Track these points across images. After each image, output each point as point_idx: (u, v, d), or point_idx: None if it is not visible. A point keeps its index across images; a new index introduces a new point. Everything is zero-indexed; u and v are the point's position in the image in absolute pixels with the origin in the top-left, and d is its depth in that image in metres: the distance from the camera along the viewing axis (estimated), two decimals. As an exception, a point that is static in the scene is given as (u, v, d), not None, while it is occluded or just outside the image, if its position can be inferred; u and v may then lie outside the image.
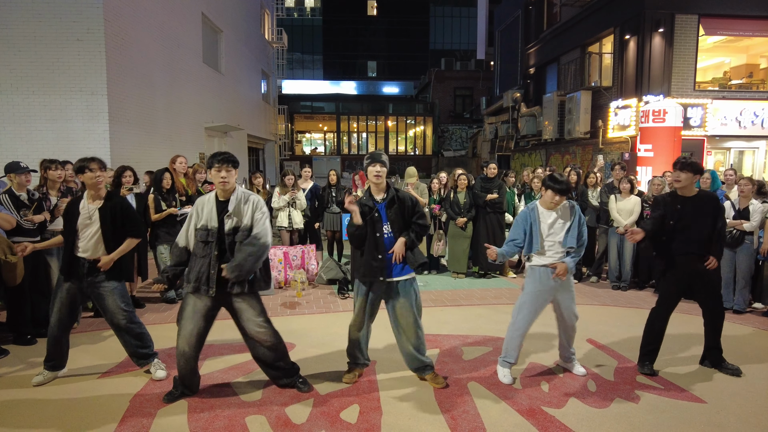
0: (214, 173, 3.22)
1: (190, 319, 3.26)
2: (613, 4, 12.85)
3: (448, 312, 5.55)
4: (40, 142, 8.26)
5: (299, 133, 32.85)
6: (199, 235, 3.23)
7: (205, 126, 13.56)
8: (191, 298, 3.28)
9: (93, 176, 3.49)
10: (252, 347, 3.43)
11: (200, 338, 3.32)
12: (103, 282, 3.55)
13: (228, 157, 3.23)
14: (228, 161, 3.22)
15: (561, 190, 3.59)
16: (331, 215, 7.39)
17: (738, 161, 12.20)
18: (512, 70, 20.85)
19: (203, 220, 3.25)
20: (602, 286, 6.80)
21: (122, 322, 3.59)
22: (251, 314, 3.32)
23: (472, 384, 3.68)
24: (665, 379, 3.81)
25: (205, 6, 13.59)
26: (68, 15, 8.29)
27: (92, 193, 3.57)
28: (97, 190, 3.56)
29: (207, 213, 3.25)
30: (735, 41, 12.54)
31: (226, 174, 3.21)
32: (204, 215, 3.26)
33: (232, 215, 3.24)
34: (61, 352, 3.66)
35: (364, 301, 3.57)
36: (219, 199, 3.29)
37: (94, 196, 3.58)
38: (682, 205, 3.83)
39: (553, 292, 3.72)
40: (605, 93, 13.13)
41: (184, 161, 6.18)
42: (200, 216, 3.27)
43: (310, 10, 47.49)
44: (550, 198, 3.63)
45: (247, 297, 3.31)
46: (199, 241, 3.24)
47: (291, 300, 5.97)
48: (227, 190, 3.26)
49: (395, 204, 3.52)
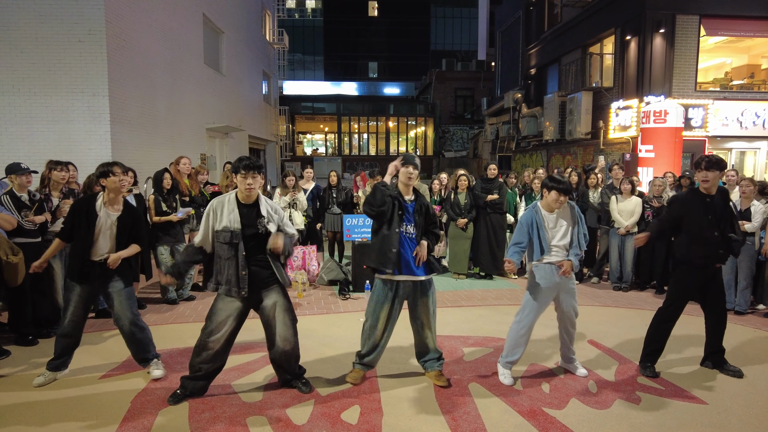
0: (240, 179, 3.24)
1: (223, 322, 3.29)
2: (614, 5, 12.84)
3: (449, 313, 5.54)
4: (41, 143, 8.27)
5: (300, 134, 32.87)
6: (222, 237, 3.24)
7: (207, 127, 13.57)
8: (223, 300, 3.30)
9: (116, 180, 3.53)
10: (272, 343, 3.44)
11: (231, 338, 3.38)
12: (113, 282, 3.59)
13: (254, 163, 3.25)
14: (254, 168, 3.24)
15: (564, 190, 3.59)
16: (332, 216, 7.39)
17: (739, 162, 12.18)
18: (513, 70, 20.84)
19: (224, 222, 3.25)
20: (603, 287, 6.79)
21: (126, 324, 3.61)
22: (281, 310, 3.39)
23: (473, 385, 3.68)
24: (666, 380, 3.80)
25: (207, 7, 13.61)
26: (70, 16, 8.30)
27: (111, 197, 3.58)
28: (117, 194, 3.60)
29: (228, 215, 3.25)
30: (736, 42, 12.53)
31: (252, 181, 3.24)
32: (224, 217, 3.25)
33: (270, 220, 3.32)
34: (70, 351, 3.66)
35: (390, 307, 3.63)
36: (240, 202, 3.30)
37: (112, 201, 3.59)
38: (711, 200, 3.77)
39: (557, 289, 3.72)
40: (606, 94, 13.12)
41: (188, 162, 6.19)
42: (219, 218, 3.27)
43: (311, 11, 47.56)
44: (555, 198, 3.61)
45: (276, 292, 3.39)
46: (222, 243, 3.25)
47: (292, 301, 5.95)
48: (252, 196, 3.30)
49: (422, 208, 3.66)
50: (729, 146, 12.03)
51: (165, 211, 5.69)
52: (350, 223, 6.56)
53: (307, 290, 6.42)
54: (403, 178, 3.60)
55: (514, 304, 5.90)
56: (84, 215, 3.51)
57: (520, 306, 3.82)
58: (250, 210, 3.29)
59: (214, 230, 3.27)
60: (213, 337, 3.29)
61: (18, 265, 4.02)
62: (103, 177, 3.53)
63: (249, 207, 3.30)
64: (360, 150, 32.55)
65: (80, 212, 3.53)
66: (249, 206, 3.30)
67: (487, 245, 7.03)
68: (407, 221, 3.59)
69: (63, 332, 3.58)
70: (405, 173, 3.58)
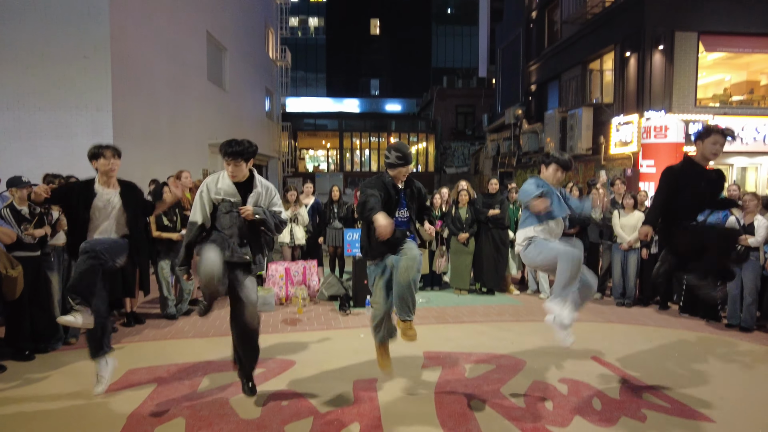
0: (225, 165, 3.30)
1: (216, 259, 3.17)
2: (613, 22, 12.98)
3: (451, 329, 5.48)
4: (45, 158, 8.30)
5: (302, 150, 33.03)
6: (224, 207, 3.30)
7: (209, 142, 13.64)
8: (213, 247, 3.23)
9: (106, 163, 3.54)
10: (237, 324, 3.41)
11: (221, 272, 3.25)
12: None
13: (236, 150, 3.22)
14: (234, 155, 3.22)
15: (564, 165, 3.57)
16: (334, 231, 7.36)
17: (741, 178, 12.16)
18: (514, 87, 21.00)
19: (222, 194, 3.30)
20: (606, 303, 6.73)
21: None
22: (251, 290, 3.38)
23: (475, 402, 3.62)
24: (672, 397, 3.73)
25: (210, 24, 13.79)
26: (76, 33, 8.41)
27: (105, 179, 3.61)
28: (109, 177, 3.61)
29: (225, 188, 3.31)
30: (735, 58, 12.61)
31: (234, 169, 3.27)
32: (222, 190, 3.31)
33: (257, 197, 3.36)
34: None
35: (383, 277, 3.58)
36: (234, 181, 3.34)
37: (107, 183, 3.62)
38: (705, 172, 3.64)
39: None
40: (607, 109, 13.18)
41: (188, 175, 6.20)
42: (214, 190, 3.32)
43: (313, 29, 48.17)
44: (552, 174, 3.57)
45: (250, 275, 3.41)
46: (223, 213, 3.30)
47: (292, 316, 5.92)
48: (237, 177, 3.33)
49: (411, 188, 3.66)
50: (730, 162, 12.03)
51: (166, 225, 5.68)
52: (351, 238, 6.53)
53: (307, 305, 6.37)
54: (401, 176, 3.57)
55: (516, 320, 5.84)
56: (80, 195, 3.54)
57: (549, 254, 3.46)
58: (243, 189, 3.35)
59: (211, 201, 3.32)
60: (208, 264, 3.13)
61: (17, 279, 4.00)
62: (93, 158, 3.57)
63: (241, 185, 3.36)
64: (362, 166, 32.65)
65: (76, 191, 3.57)
66: (241, 184, 3.36)
67: (489, 261, 6.99)
68: (401, 206, 3.61)
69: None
70: (403, 172, 3.55)
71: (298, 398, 3.63)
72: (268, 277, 6.62)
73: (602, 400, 3.67)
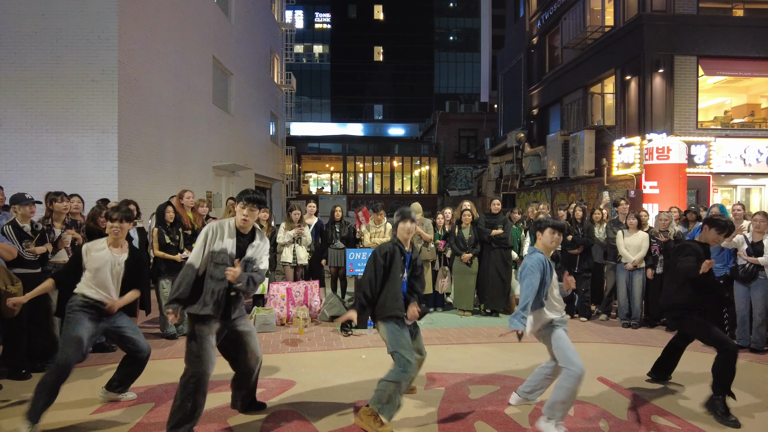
0: (239, 208, 3.36)
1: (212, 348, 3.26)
2: (613, 47, 13.17)
3: (455, 350, 5.39)
4: (50, 179, 8.36)
5: (306, 173, 33.26)
6: (220, 258, 3.29)
7: (213, 165, 13.75)
8: (205, 324, 3.23)
9: (111, 226, 3.65)
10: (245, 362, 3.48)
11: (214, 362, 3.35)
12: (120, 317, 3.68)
13: (256, 198, 3.36)
14: (254, 202, 3.35)
15: (558, 227, 3.52)
16: (336, 251, 7.33)
17: (745, 199, 12.12)
18: (515, 111, 21.22)
19: (224, 245, 3.31)
20: (612, 324, 6.62)
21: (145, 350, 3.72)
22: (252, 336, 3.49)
23: (479, 423, 3.53)
24: (682, 418, 3.62)
25: (216, 50, 14.07)
26: (85, 57, 8.59)
27: (114, 242, 3.68)
28: (116, 239, 3.68)
29: (228, 239, 3.34)
30: (735, 81, 12.74)
31: (249, 214, 3.35)
32: (224, 240, 3.33)
33: (254, 248, 3.42)
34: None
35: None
36: (238, 231, 3.40)
37: (116, 245, 3.69)
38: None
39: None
40: (608, 132, 13.26)
41: (191, 196, 6.22)
42: (217, 239, 3.33)
43: (318, 55, 49.12)
44: (549, 237, 3.51)
45: (249, 322, 3.55)
46: (219, 264, 3.28)
47: (293, 337, 5.84)
48: (246, 227, 3.41)
49: (416, 261, 3.82)
50: (734, 183, 12.02)
51: (168, 244, 5.66)
52: (353, 258, 6.49)
53: (308, 326, 6.29)
54: (401, 233, 3.67)
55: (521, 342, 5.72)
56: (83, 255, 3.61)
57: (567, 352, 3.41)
58: (245, 240, 3.41)
59: (212, 251, 3.29)
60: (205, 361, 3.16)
61: (16, 296, 3.96)
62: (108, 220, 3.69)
63: (244, 237, 3.41)
64: (365, 189, 32.80)
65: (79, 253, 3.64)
66: (244, 236, 3.41)
67: (493, 281, 6.92)
68: (406, 269, 3.69)
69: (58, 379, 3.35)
70: (403, 229, 3.66)
71: (298, 418, 3.55)
72: (270, 297, 6.57)
73: (610, 421, 3.57)
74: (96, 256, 3.57)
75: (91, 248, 3.61)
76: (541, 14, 17.96)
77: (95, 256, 3.57)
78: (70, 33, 8.56)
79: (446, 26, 49.42)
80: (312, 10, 48.10)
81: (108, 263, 3.58)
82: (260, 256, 3.46)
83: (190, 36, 12.11)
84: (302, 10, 46.71)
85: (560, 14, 15.97)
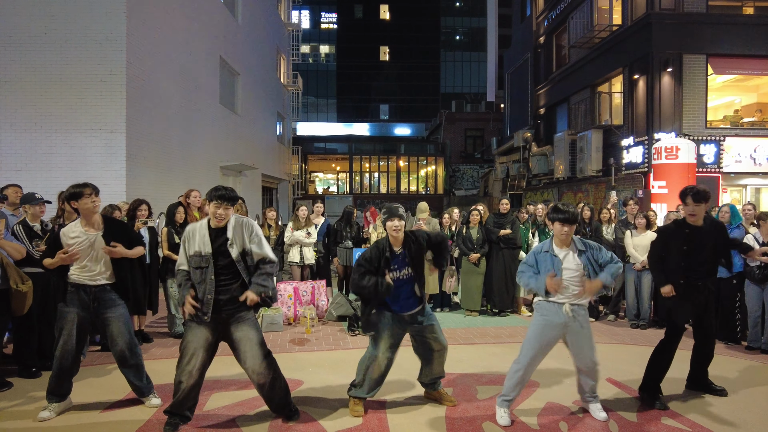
0: (212, 208, 3.25)
1: (194, 355, 3.25)
2: (621, 46, 13.08)
3: (462, 350, 5.37)
4: (58, 179, 8.41)
5: (312, 173, 33.32)
6: (194, 261, 3.24)
7: (220, 165, 13.81)
8: (192, 331, 3.27)
9: (89, 201, 3.47)
10: (251, 379, 3.40)
11: (203, 370, 3.33)
12: (112, 309, 3.55)
13: (225, 194, 3.23)
14: (226, 199, 3.23)
15: (567, 219, 3.50)
16: (345, 250, 7.32)
17: (755, 199, 12.00)
18: (522, 110, 21.13)
19: (196, 246, 3.26)
20: (620, 325, 6.58)
21: (124, 347, 3.56)
22: (251, 344, 3.30)
23: (486, 424, 3.51)
24: (692, 420, 3.59)
25: (224, 50, 14.12)
26: (93, 58, 8.66)
27: (87, 219, 3.54)
28: (92, 215, 3.54)
29: (199, 239, 3.26)
30: (744, 80, 12.61)
31: (223, 212, 3.24)
32: (196, 242, 3.27)
33: (233, 243, 3.27)
34: (69, 384, 3.59)
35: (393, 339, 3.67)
36: (211, 227, 3.31)
37: (90, 223, 3.55)
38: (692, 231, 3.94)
39: (562, 330, 3.51)
40: (616, 131, 13.18)
41: (198, 195, 6.24)
42: (191, 243, 3.28)
43: (324, 56, 49.21)
44: (559, 231, 3.53)
45: (248, 325, 3.31)
46: (194, 268, 3.25)
47: (300, 336, 5.85)
48: (221, 224, 3.30)
49: (413, 248, 3.64)
50: (743, 183, 11.90)
51: (177, 244, 5.68)
52: (360, 258, 6.49)
53: (315, 326, 6.30)
54: (390, 231, 3.61)
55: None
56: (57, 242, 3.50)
57: (524, 341, 3.63)
58: (221, 234, 3.29)
59: (188, 255, 3.28)
60: (184, 370, 3.24)
61: (27, 294, 4.00)
62: (73, 199, 3.49)
63: (219, 231, 3.30)
64: (371, 189, 32.81)
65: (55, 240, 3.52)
66: (219, 230, 3.30)
67: (500, 281, 6.89)
68: (398, 269, 3.60)
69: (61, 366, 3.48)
70: (390, 226, 3.59)
71: (305, 417, 3.55)
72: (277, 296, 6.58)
73: (619, 422, 3.54)
74: (72, 237, 3.47)
75: (67, 233, 3.50)
76: (548, 13, 17.88)
77: (71, 237, 3.48)
78: (79, 34, 8.63)
79: (452, 26, 49.33)
80: (318, 10, 48.19)
81: (85, 243, 3.48)
82: (248, 244, 3.29)
83: (198, 36, 12.16)
84: (308, 11, 46.80)
85: (567, 13, 15.88)
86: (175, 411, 3.32)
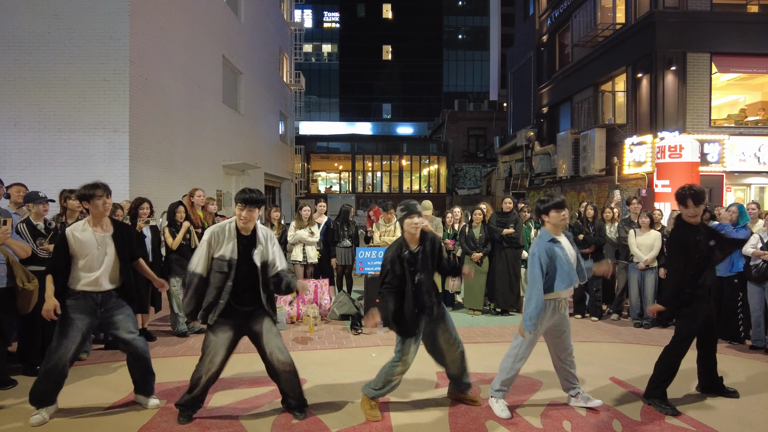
0: (237, 211, 3.29)
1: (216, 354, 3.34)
2: (625, 44, 13.03)
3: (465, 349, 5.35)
4: (62, 178, 8.45)
5: (315, 173, 33.36)
6: (218, 265, 3.26)
7: (223, 164, 13.82)
8: (215, 333, 3.34)
9: (100, 203, 3.42)
10: (274, 371, 3.48)
11: (222, 365, 3.42)
12: (118, 310, 3.54)
13: (253, 198, 3.27)
14: (251, 202, 3.27)
15: (559, 204, 3.52)
16: (342, 249, 7.32)
17: (759, 198, 11.94)
18: (525, 109, 21.09)
19: (223, 250, 3.28)
20: (624, 324, 6.56)
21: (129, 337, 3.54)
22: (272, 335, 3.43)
23: (490, 422, 3.51)
24: (696, 419, 3.58)
25: (226, 49, 14.13)
26: (96, 57, 8.67)
27: (96, 220, 3.49)
28: (102, 216, 3.49)
29: (227, 243, 3.30)
30: (749, 79, 12.55)
31: (248, 215, 3.28)
32: (224, 246, 3.29)
33: (260, 252, 3.35)
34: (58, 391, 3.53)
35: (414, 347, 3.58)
36: (240, 233, 3.34)
37: (99, 224, 3.50)
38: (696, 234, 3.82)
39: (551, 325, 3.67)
40: (619, 130, 13.13)
41: (202, 194, 6.24)
42: (218, 245, 3.30)
43: (327, 55, 49.21)
44: (557, 217, 3.52)
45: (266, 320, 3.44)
46: (216, 272, 3.26)
47: (303, 335, 5.86)
48: (248, 228, 3.34)
49: (428, 252, 3.56)
50: (747, 182, 11.84)
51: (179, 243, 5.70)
52: (363, 256, 6.49)
53: (318, 325, 6.31)
54: (408, 228, 3.49)
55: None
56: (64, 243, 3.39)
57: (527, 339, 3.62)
58: (248, 241, 3.34)
59: (212, 256, 3.29)
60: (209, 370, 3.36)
61: (32, 293, 4.02)
62: (84, 200, 3.43)
63: (247, 238, 3.35)
64: (374, 188, 32.84)
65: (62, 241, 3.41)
66: (247, 237, 3.35)
67: (503, 280, 6.88)
68: (421, 270, 3.51)
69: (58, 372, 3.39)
70: (409, 224, 3.46)
71: (308, 416, 3.55)
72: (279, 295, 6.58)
73: (623, 422, 3.53)
74: (80, 237, 3.39)
75: (75, 230, 3.42)
76: (551, 12, 17.83)
77: (80, 237, 3.39)
78: (83, 33, 8.64)
79: (455, 25, 49.26)
80: (321, 9, 48.18)
81: (93, 244, 3.41)
82: (273, 258, 3.39)
83: (200, 35, 12.17)
84: (311, 10, 46.79)
85: (570, 12, 15.83)
86: (188, 404, 3.41)
